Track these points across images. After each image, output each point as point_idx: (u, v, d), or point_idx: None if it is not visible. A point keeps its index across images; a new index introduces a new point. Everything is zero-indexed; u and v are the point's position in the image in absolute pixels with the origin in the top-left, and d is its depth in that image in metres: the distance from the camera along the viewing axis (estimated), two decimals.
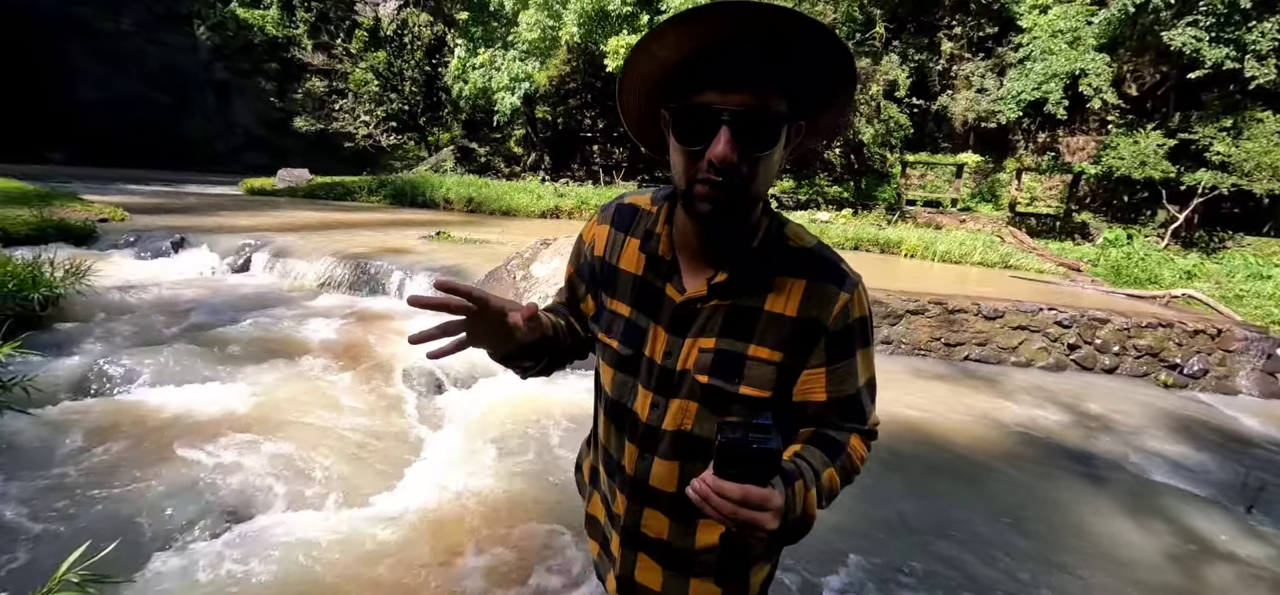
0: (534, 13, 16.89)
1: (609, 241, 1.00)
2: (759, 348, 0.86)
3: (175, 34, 25.47)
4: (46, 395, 3.36)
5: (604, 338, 0.99)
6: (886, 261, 9.71)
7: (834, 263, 0.88)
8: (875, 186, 16.65)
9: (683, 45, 0.74)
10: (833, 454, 0.89)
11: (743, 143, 0.74)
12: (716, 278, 0.86)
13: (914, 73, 15.77)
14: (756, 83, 0.74)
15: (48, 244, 6.03)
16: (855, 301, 0.87)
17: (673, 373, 0.90)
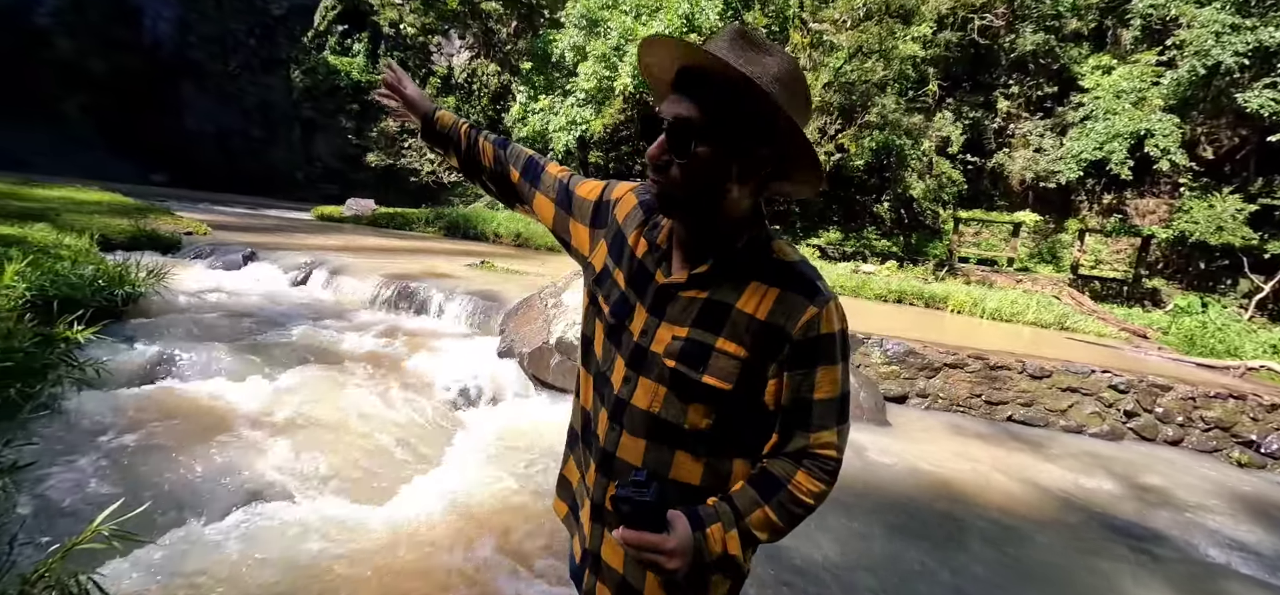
0: (592, 64, 17.77)
1: (630, 216, 1.09)
2: (726, 342, 0.92)
3: (273, 76, 28.25)
4: (113, 378, 3.71)
5: (602, 302, 1.06)
6: (930, 316, 9.36)
7: (809, 279, 0.94)
8: (926, 242, 16.20)
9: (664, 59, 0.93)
10: (768, 492, 0.93)
11: (671, 146, 0.89)
12: (698, 268, 0.95)
13: (968, 130, 15.50)
14: (686, 101, 0.89)
15: (140, 250, 6.72)
16: (824, 317, 0.92)
17: (645, 352, 0.97)
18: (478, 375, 4.80)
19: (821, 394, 0.93)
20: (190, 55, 26.88)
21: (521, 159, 1.25)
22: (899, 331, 6.58)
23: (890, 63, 14.44)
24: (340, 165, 28.55)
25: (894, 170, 15.63)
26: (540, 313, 6.21)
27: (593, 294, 1.10)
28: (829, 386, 0.94)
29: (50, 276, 4.15)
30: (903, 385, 6.04)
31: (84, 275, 4.49)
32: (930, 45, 15.29)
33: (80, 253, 5.30)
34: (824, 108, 15.00)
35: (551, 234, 1.24)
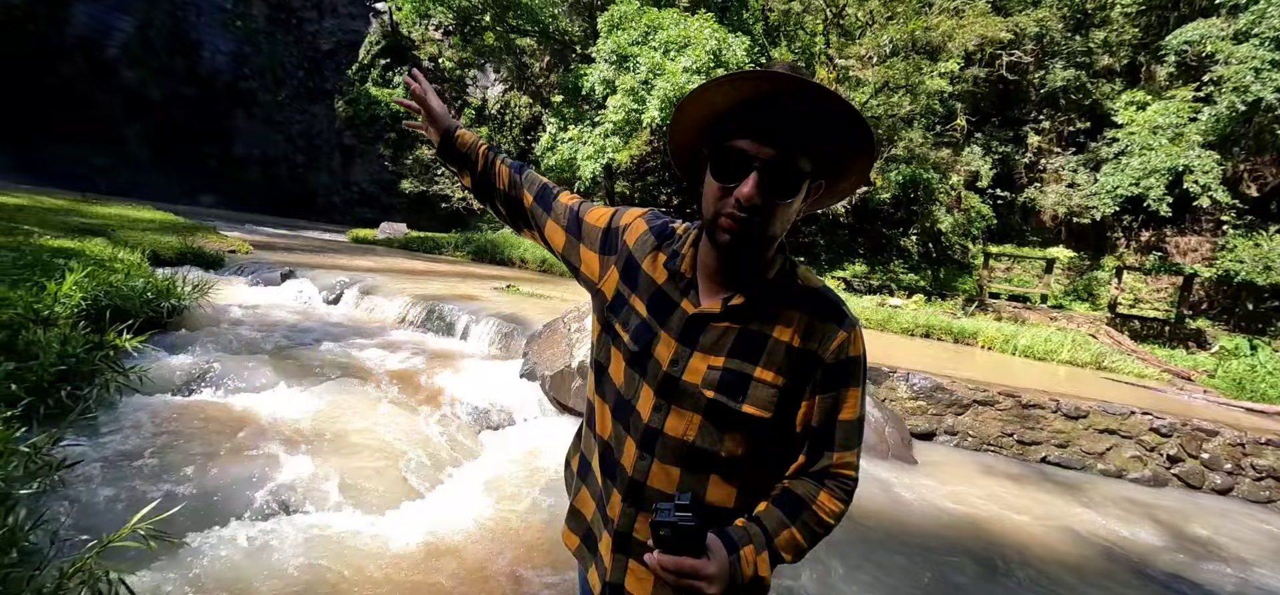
0: (621, 97, 18.20)
1: (641, 241, 1.08)
2: (764, 370, 0.94)
3: (318, 106, 29.65)
4: (155, 384, 3.88)
5: (619, 329, 1.05)
6: (959, 351, 9.13)
7: (836, 304, 0.98)
8: (955, 277, 15.89)
9: (734, 95, 0.88)
10: (794, 513, 0.95)
11: (767, 188, 0.86)
12: (733, 299, 0.95)
13: (998, 164, 15.30)
14: (787, 140, 0.86)
15: (186, 266, 7.06)
16: (852, 340, 0.96)
17: (677, 381, 0.96)
18: (500, 396, 4.85)
19: (847, 415, 0.96)
20: (243, 86, 28.49)
21: (536, 185, 1.25)
22: (926, 366, 6.44)
23: (917, 98, 14.44)
24: (376, 190, 29.58)
25: (921, 204, 15.47)
26: (563, 337, 6.28)
27: (607, 321, 1.09)
28: (853, 407, 0.97)
29: (104, 288, 4.39)
30: (930, 421, 5.88)
31: (135, 288, 4.73)
32: (958, 81, 15.25)
33: (132, 267, 5.59)
34: None
35: (561, 261, 1.23)
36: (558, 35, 22.47)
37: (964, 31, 13.45)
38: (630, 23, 15.30)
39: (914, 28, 13.59)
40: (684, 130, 0.99)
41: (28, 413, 2.92)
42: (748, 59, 14.32)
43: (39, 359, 3.18)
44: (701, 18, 14.93)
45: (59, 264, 4.78)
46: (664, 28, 14.71)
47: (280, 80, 29.30)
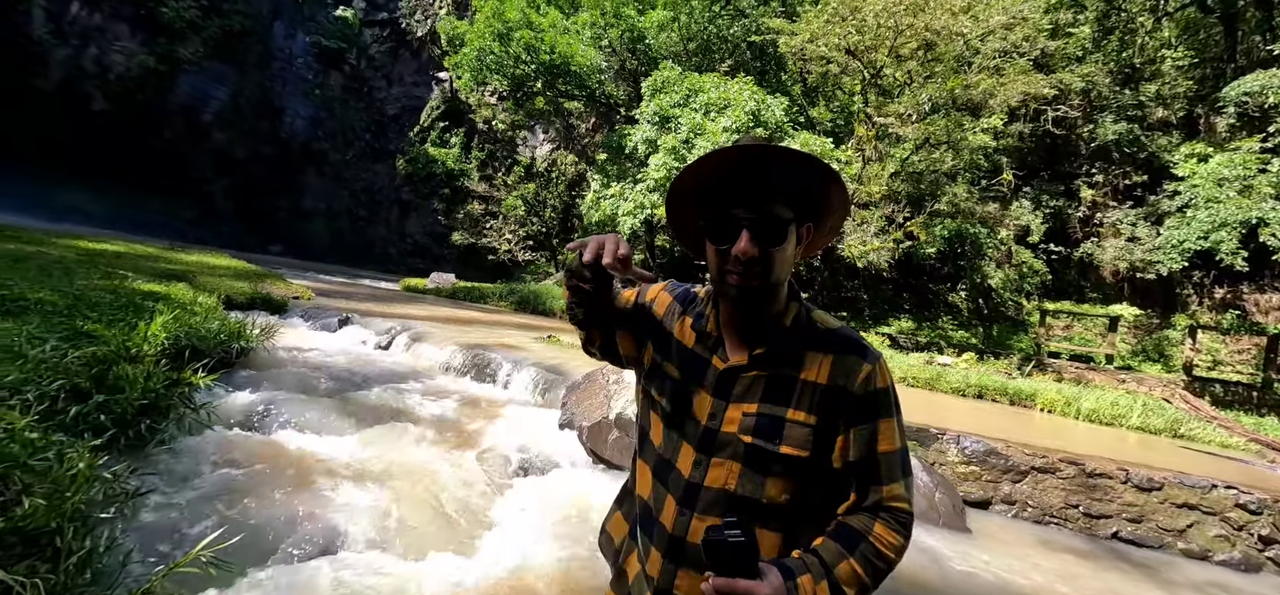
0: (662, 156, 18.79)
1: (668, 311, 1.19)
2: (796, 411, 1.00)
3: (381, 164, 31.84)
4: (221, 420, 4.14)
5: (656, 395, 1.14)
6: (1016, 414, 8.63)
7: (857, 340, 1.05)
8: (1009, 335, 15.17)
9: (711, 171, 1.01)
10: (851, 544, 0.96)
11: (759, 240, 0.97)
12: (758, 349, 1.03)
13: (1049, 218, 14.77)
14: (765, 197, 0.98)
15: (255, 310, 7.58)
16: (877, 372, 1.01)
17: (716, 434, 1.03)
18: (539, 445, 4.91)
19: (886, 446, 1.00)
20: (316, 146, 31.04)
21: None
22: (979, 429, 6.13)
23: (959, 153, 14.27)
24: (428, 242, 31.09)
25: (969, 259, 15.02)
26: (601, 388, 6.34)
27: (646, 388, 1.18)
28: (891, 439, 1.00)
29: (185, 329, 4.78)
30: (984, 488, 5.55)
31: (210, 329, 5.13)
32: (1002, 136, 15.02)
33: (209, 310, 6.06)
34: (891, 196, 14.87)
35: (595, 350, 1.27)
36: (603, 99, 23.57)
37: (1005, 89, 13.34)
38: (672, 87, 15.94)
39: (953, 86, 13.59)
40: (677, 211, 1.11)
41: (110, 442, 3.19)
42: (786, 119, 14.59)
43: (125, 393, 3.48)
44: (740, 81, 15.41)
45: (148, 306, 5.25)
46: (704, 91, 15.23)
47: (349, 141, 31.77)
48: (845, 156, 14.46)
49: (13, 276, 5.54)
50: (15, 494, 2.20)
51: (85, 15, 26.65)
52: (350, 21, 32.29)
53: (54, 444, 2.61)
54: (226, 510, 3.14)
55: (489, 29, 20.39)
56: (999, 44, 13.59)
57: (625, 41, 20.15)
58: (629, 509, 1.21)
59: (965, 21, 13.27)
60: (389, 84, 33.15)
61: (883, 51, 14.18)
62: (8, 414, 2.65)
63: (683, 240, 1.18)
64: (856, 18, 13.85)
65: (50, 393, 3.10)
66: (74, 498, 2.26)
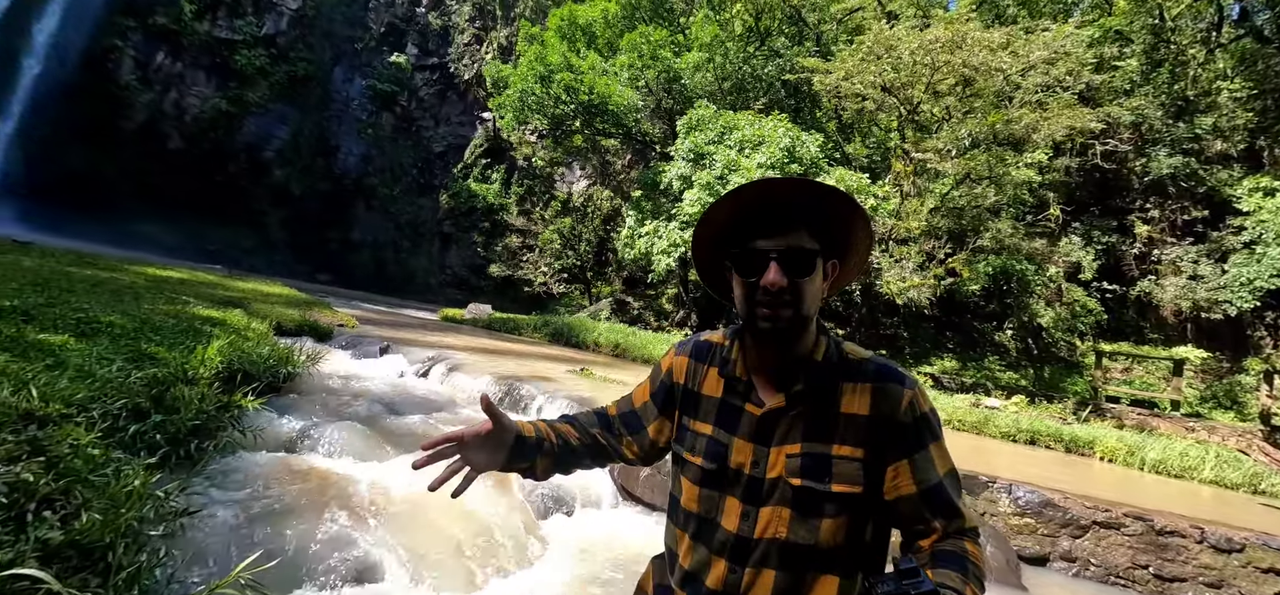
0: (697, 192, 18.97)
1: (689, 371, 1.17)
2: (842, 446, 0.98)
3: (425, 199, 33.20)
4: (266, 443, 4.29)
5: (688, 456, 1.10)
6: (1071, 463, 8.10)
7: (892, 368, 1.04)
8: (1063, 377, 14.39)
9: (733, 210, 1.04)
10: (963, 569, 0.93)
11: (787, 271, 0.97)
12: (793, 388, 1.01)
13: (1102, 255, 14.11)
14: (791, 228, 1.00)
15: (302, 336, 7.90)
16: (918, 397, 1.00)
17: (762, 481, 1.00)
18: (570, 482, 4.89)
19: (944, 468, 0.98)
20: (366, 181, 32.71)
21: (593, 420, 1.29)
22: (1034, 478, 5.79)
23: (1002, 188, 13.87)
24: (467, 273, 31.97)
25: (1016, 296, 14.42)
26: None
27: (675, 454, 1.15)
28: (944, 459, 0.99)
29: (238, 353, 5.01)
30: (1041, 543, 5.20)
31: (261, 354, 5.36)
32: (1047, 170, 14.55)
33: (261, 336, 6.36)
34: (931, 231, 14.51)
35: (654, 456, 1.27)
36: (639, 136, 24.06)
37: (1049, 123, 12.96)
38: (707, 124, 16.16)
39: (994, 121, 13.30)
40: (703, 250, 1.13)
41: (164, 461, 3.34)
42: (821, 155, 14.53)
43: (180, 413, 3.66)
44: (775, 118, 15.50)
45: (206, 330, 5.54)
46: (739, 128, 15.38)
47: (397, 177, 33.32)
48: (883, 192, 14.25)
49: (89, 300, 5.96)
50: (75, 508, 2.32)
51: (168, 63, 29.18)
52: (403, 67, 34.24)
53: (113, 460, 2.76)
54: (267, 533, 3.23)
55: (531, 72, 21.24)
56: (1041, 79, 13.30)
57: (661, 82, 20.62)
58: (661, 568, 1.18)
59: (1004, 57, 13.06)
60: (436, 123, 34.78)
61: (919, 88, 14.06)
62: (74, 430, 2.82)
63: (709, 280, 1.19)
64: (892, 56, 13.83)
65: (113, 411, 3.28)
66: (128, 514, 2.37)
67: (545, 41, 22.61)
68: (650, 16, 22.91)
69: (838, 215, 1.02)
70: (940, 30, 13.63)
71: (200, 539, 3.04)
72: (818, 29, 20.90)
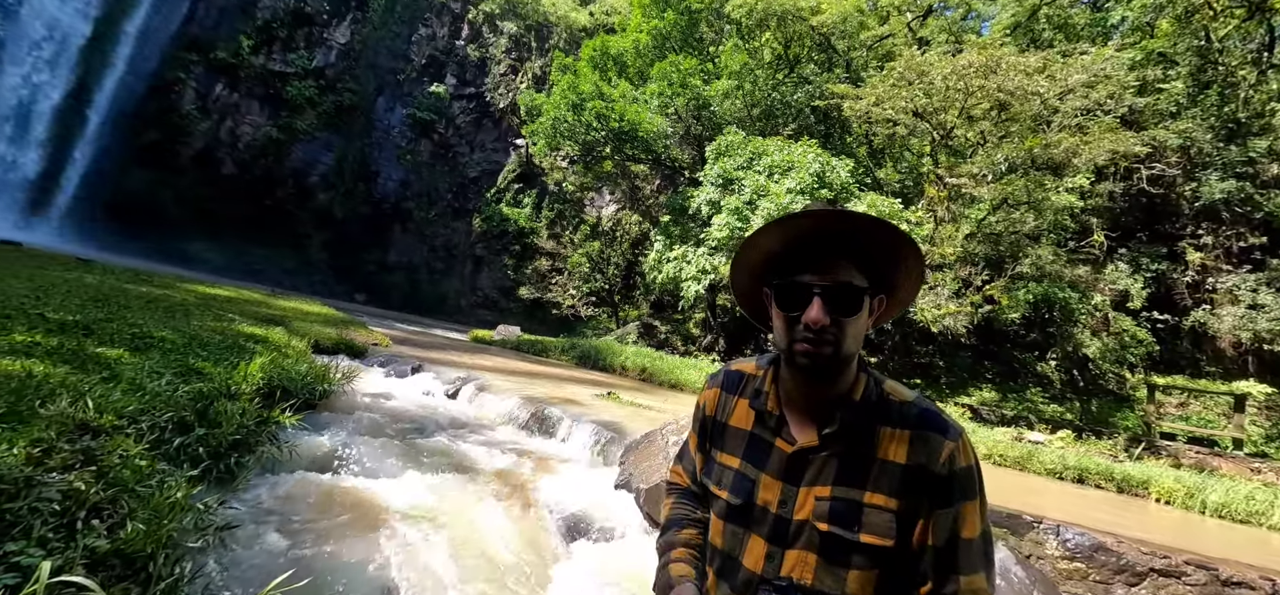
0: (726, 217, 18.99)
1: (719, 403, 1.14)
2: (875, 494, 0.93)
3: (459, 222, 34.12)
4: (301, 459, 4.40)
5: (714, 489, 1.07)
6: (1124, 504, 7.64)
7: (936, 414, 0.97)
8: (1112, 411, 13.67)
9: (781, 238, 0.99)
10: None
11: (831, 309, 0.93)
12: (827, 428, 0.97)
13: (1151, 283, 13.46)
14: (838, 262, 0.95)
15: (338, 354, 8.13)
16: (960, 450, 0.94)
17: (789, 522, 0.96)
18: (595, 506, 4.83)
19: (969, 532, 0.91)
20: (404, 205, 33.87)
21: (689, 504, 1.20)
22: (1084, 519, 5.47)
23: (1042, 214, 13.44)
24: (497, 295, 32.53)
25: (1059, 325, 13.84)
26: (660, 450, 6.22)
27: (703, 486, 1.12)
28: (974, 524, 0.92)
29: (278, 370, 5.19)
30: (1092, 589, 4.88)
31: (300, 372, 5.53)
32: (1089, 196, 14.04)
33: (300, 354, 6.57)
34: (967, 258, 14.12)
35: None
36: (668, 162, 24.29)
37: (1090, 147, 12.55)
38: (736, 150, 16.22)
39: (1031, 145, 12.96)
40: (741, 275, 1.08)
41: (204, 474, 3.46)
42: (852, 180, 14.39)
43: (222, 427, 3.79)
44: (804, 144, 15.46)
45: (249, 347, 5.76)
46: (768, 154, 15.39)
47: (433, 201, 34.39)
48: (916, 217, 13.98)
49: (143, 316, 6.28)
50: (121, 517, 2.42)
51: (226, 94, 31.04)
52: (442, 96, 35.58)
53: (158, 472, 2.87)
54: (299, 550, 3.29)
55: (564, 100, 21.77)
56: (1080, 102, 12.94)
57: (691, 109, 20.86)
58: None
59: (1041, 81, 12.77)
60: (471, 149, 35.87)
61: (953, 113, 13.85)
62: (124, 441, 2.95)
63: (746, 305, 1.14)
64: (923, 81, 13.69)
65: (160, 423, 3.43)
66: (169, 525, 2.45)
67: (578, 71, 23.19)
68: (680, 46, 23.31)
69: (888, 249, 0.97)
70: (973, 56, 13.45)
71: (236, 553, 3.12)
72: (847, 56, 20.89)
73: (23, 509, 2.13)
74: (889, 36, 20.57)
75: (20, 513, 2.11)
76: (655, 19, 23.39)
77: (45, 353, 3.95)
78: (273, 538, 3.35)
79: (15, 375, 3.35)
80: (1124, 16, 17.80)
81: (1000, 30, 19.63)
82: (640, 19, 24.27)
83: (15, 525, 2.07)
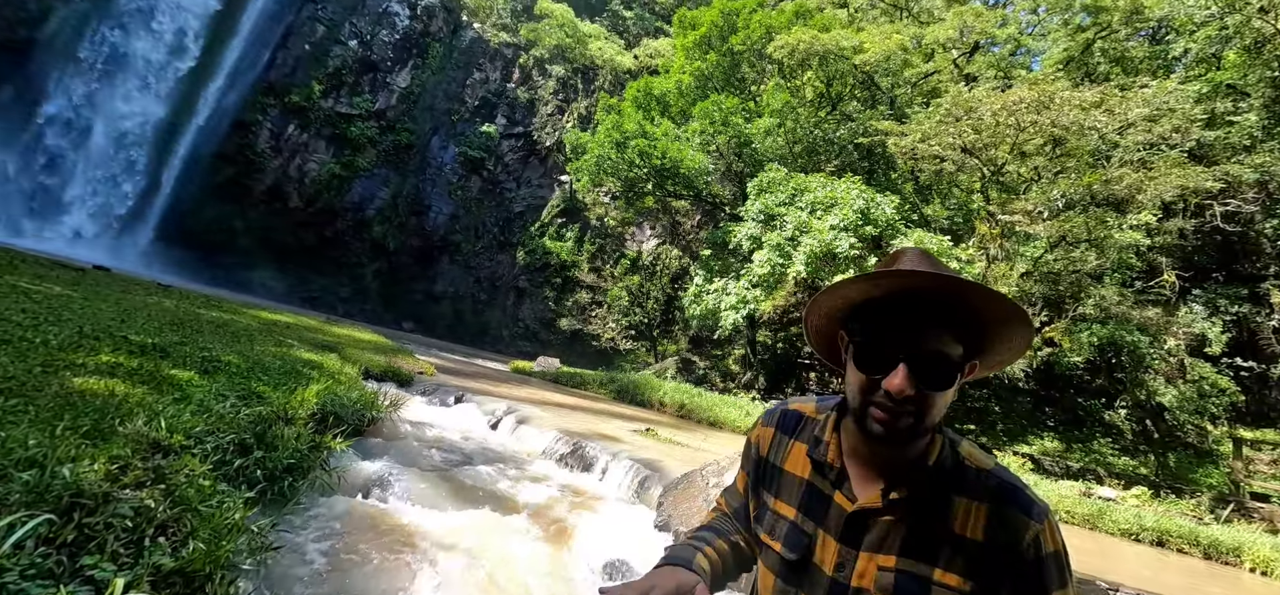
0: (767, 252, 18.87)
1: (774, 443, 1.03)
2: (946, 574, 0.83)
3: (504, 254, 35.17)
4: (346, 485, 4.54)
5: (766, 539, 0.99)
6: (1212, 573, 6.94)
7: (1019, 487, 0.87)
8: (1192, 467, 12.56)
9: (868, 292, 0.88)
10: None
11: (919, 379, 0.81)
12: (893, 492, 0.87)
13: (1232, 327, 12.45)
14: (934, 329, 0.83)
15: (386, 381, 8.42)
16: (1047, 533, 0.84)
17: (846, 589, 0.88)
18: (633, 547, 4.75)
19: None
20: (452, 238, 35.27)
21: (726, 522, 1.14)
22: (1168, 588, 5.01)
23: (1105, 252, 12.71)
24: (537, 327, 33.07)
25: (1129, 371, 12.91)
26: (700, 491, 6.09)
27: (755, 533, 1.03)
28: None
29: (331, 396, 5.41)
30: None
31: (351, 399, 5.75)
32: (1156, 233, 13.21)
33: (351, 381, 6.83)
34: (1024, 297, 13.46)
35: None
36: (709, 198, 24.46)
37: (1156, 182, 11.86)
38: (778, 186, 16.19)
39: (1090, 181, 12.37)
40: (820, 318, 0.97)
41: (260, 495, 3.61)
42: (897, 216, 14.09)
43: (278, 451, 3.97)
44: (848, 181, 15.29)
45: (306, 373, 6.04)
46: (810, 190, 15.29)
47: (480, 234, 35.67)
48: (966, 255, 13.49)
49: (212, 340, 6.70)
50: (184, 535, 2.55)
51: (296, 134, 33.45)
52: (492, 135, 37.21)
53: (219, 492, 3.02)
54: (342, 575, 3.37)
55: (608, 138, 22.37)
56: (1142, 136, 12.31)
57: (732, 146, 21.03)
58: None
59: (1098, 116, 12.26)
60: (518, 185, 37.16)
61: (1004, 148, 13.42)
62: (190, 461, 3.12)
63: (819, 343, 1.02)
64: (972, 117, 13.37)
65: (223, 444, 3.62)
66: (227, 547, 2.56)
67: (622, 111, 23.85)
68: (722, 86, 23.68)
69: (998, 325, 0.85)
70: (1024, 91, 13.08)
71: (284, 574, 3.23)
72: (891, 93, 20.70)
73: (99, 524, 2.28)
74: (934, 74, 20.30)
75: (97, 527, 2.26)
76: (698, 61, 23.91)
77: (126, 373, 4.26)
78: (318, 560, 3.45)
79: (100, 394, 3.62)
80: (1187, 48, 17.00)
81: (1052, 65, 19.08)
82: (683, 61, 24.86)
83: (91, 539, 2.21)
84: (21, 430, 2.65)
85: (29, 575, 1.87)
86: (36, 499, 2.19)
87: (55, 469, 2.36)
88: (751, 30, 22.03)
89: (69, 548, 2.11)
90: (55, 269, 12.26)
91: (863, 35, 18.81)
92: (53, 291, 7.88)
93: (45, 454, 2.46)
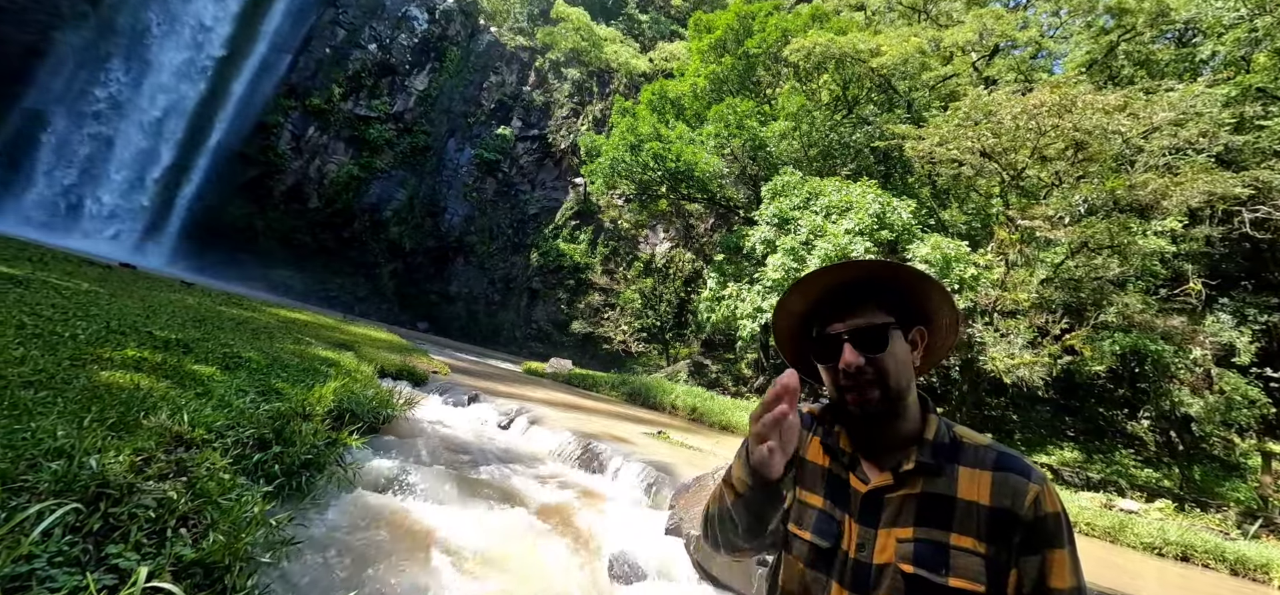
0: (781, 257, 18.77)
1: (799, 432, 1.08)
2: (961, 537, 0.89)
3: (517, 256, 35.40)
4: (361, 481, 4.59)
5: (796, 530, 1.02)
6: (1241, 591, 6.74)
7: (1016, 457, 0.96)
8: (1218, 480, 12.23)
9: (805, 297, 1.06)
10: None
11: (862, 349, 0.97)
12: (902, 466, 0.95)
13: (1261, 336, 12.11)
14: (862, 307, 1.00)
15: (401, 380, 8.51)
16: (1046, 495, 0.90)
17: (869, 567, 0.92)
18: (644, 550, 4.75)
19: (1058, 582, 0.86)
20: (467, 239, 35.61)
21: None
22: None
23: (1128, 258, 12.44)
24: (550, 329, 33.20)
25: (1152, 381, 12.60)
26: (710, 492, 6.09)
27: (782, 530, 1.06)
28: (1064, 573, 0.87)
29: (347, 394, 5.48)
30: None
31: (366, 397, 5.83)
32: (1182, 240, 12.89)
33: (367, 379, 6.92)
34: (1043, 304, 13.21)
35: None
36: (723, 201, 24.39)
37: (1181, 188, 11.58)
38: (792, 190, 16.09)
39: (1113, 186, 12.11)
40: (783, 341, 1.14)
41: (277, 490, 3.67)
42: (913, 221, 13.92)
43: (296, 446, 4.03)
44: (863, 184, 15.15)
45: (324, 371, 6.13)
46: (825, 194, 15.17)
47: (494, 236, 35.96)
48: (984, 260, 13.29)
49: (233, 337, 6.83)
50: (204, 527, 2.60)
51: (316, 136, 34.07)
52: (507, 138, 37.52)
53: (238, 486, 3.08)
54: (357, 570, 3.42)
55: (622, 141, 22.42)
56: (1167, 141, 12.04)
57: (747, 149, 20.95)
58: None
59: (1122, 120, 12.01)
60: (532, 188, 37.40)
61: (1024, 152, 13.21)
62: (211, 455, 3.19)
63: (804, 369, 1.12)
64: (991, 121, 13.17)
65: (243, 439, 3.69)
66: (246, 540, 2.61)
67: (636, 114, 23.89)
68: (737, 89, 23.61)
69: (906, 285, 1.02)
70: (1046, 94, 12.86)
71: (300, 570, 3.28)
72: (908, 96, 20.48)
73: (123, 514, 2.33)
74: (953, 77, 20.05)
75: (121, 518, 2.32)
76: (713, 64, 23.87)
77: (151, 367, 4.37)
78: (333, 556, 3.50)
79: (126, 388, 3.71)
80: (1214, 51, 16.59)
81: (1074, 68, 18.75)
82: (698, 64, 24.84)
83: (116, 529, 2.27)
84: (51, 421, 2.73)
85: (56, 562, 1.92)
86: (64, 488, 2.25)
87: (83, 459, 2.42)
88: (767, 33, 21.95)
89: (95, 537, 2.17)
90: (83, 265, 12.61)
91: (880, 38, 18.65)
92: (81, 287, 8.10)
93: (73, 445, 2.53)
